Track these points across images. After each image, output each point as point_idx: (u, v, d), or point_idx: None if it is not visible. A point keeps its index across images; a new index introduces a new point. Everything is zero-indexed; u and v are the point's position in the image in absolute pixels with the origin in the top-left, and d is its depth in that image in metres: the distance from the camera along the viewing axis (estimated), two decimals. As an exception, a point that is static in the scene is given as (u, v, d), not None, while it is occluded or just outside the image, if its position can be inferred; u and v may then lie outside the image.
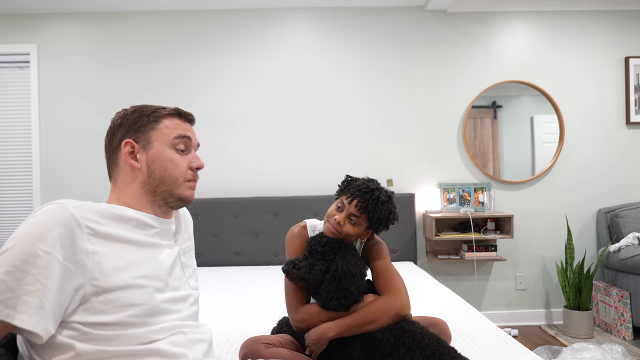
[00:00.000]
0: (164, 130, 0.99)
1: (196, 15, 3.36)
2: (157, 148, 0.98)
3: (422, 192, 3.38)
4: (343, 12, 3.38)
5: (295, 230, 1.47)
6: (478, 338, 1.67)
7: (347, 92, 3.38)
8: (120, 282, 0.83)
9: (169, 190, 0.98)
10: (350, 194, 1.36)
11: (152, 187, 0.97)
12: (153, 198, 0.98)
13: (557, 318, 3.39)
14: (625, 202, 3.41)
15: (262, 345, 1.31)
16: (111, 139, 1.00)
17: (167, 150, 0.98)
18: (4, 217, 3.35)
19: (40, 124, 3.32)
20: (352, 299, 1.29)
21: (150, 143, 0.98)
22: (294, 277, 1.33)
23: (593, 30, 3.41)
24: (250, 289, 2.50)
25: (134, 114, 1.00)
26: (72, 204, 0.83)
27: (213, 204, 3.24)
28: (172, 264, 0.98)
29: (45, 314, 0.75)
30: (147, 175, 0.97)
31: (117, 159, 0.99)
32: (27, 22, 3.33)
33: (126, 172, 0.98)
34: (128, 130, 0.98)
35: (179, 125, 1.02)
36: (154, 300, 0.88)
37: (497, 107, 3.38)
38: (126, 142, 0.97)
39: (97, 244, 0.83)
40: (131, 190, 0.97)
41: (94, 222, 0.84)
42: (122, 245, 0.87)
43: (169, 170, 0.98)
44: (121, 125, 0.99)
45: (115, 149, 0.99)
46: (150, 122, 0.99)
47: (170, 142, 0.99)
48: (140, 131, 0.98)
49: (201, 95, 3.36)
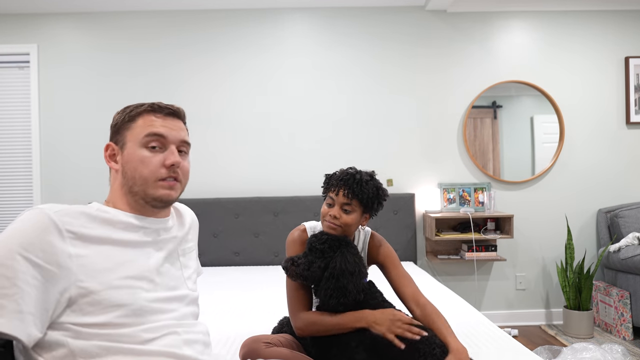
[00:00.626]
0: (136, 129, 0.97)
1: (196, 15, 3.36)
2: (129, 149, 0.97)
3: (422, 192, 3.38)
4: (343, 12, 3.38)
5: (295, 234, 1.48)
6: (478, 338, 1.68)
7: (346, 92, 3.38)
8: (106, 283, 0.84)
9: (142, 190, 0.96)
10: (334, 186, 1.39)
11: (128, 188, 0.97)
12: (133, 198, 0.97)
13: (557, 318, 3.39)
14: (625, 202, 3.41)
15: (262, 345, 1.31)
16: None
17: (138, 150, 0.96)
18: (4, 217, 3.35)
19: (40, 124, 3.32)
20: (351, 297, 1.29)
21: (125, 144, 0.97)
22: (292, 274, 1.33)
23: (593, 30, 3.41)
24: (251, 289, 2.50)
25: (117, 115, 1.01)
26: (53, 208, 0.83)
27: (213, 204, 3.24)
28: (161, 263, 0.97)
29: (25, 318, 0.75)
30: (122, 176, 0.97)
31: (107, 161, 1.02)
32: (27, 22, 3.33)
33: (111, 174, 1.01)
34: (112, 133, 1.01)
35: (151, 123, 0.97)
36: (141, 300, 0.88)
37: (497, 107, 3.38)
38: (107, 146, 1.00)
39: (80, 247, 0.83)
40: (114, 191, 0.99)
41: (76, 225, 0.84)
42: (107, 247, 0.87)
43: (139, 170, 0.95)
44: (111, 127, 1.03)
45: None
46: (125, 122, 0.99)
47: (140, 141, 0.96)
48: (118, 132, 0.99)
49: (201, 95, 3.36)
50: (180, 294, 0.98)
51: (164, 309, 0.92)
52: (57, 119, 3.33)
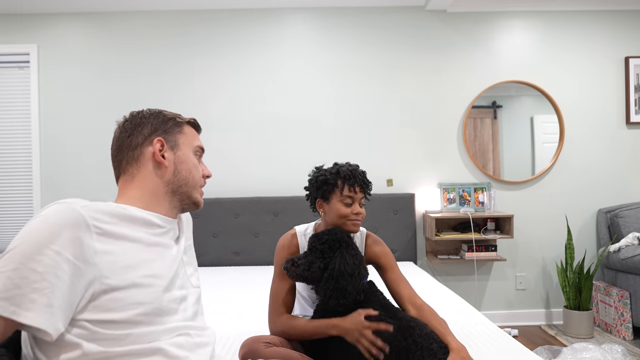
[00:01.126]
0: (188, 136, 1.06)
1: (196, 15, 3.36)
2: (184, 151, 1.03)
3: (422, 192, 3.38)
4: (343, 12, 3.38)
5: (285, 241, 1.49)
6: (478, 338, 1.68)
7: (346, 92, 3.38)
8: (129, 280, 0.84)
9: (188, 192, 1.03)
10: (352, 184, 1.40)
11: (175, 187, 1.01)
12: (171, 197, 1.01)
13: (557, 318, 3.39)
14: (625, 202, 3.41)
15: (262, 345, 1.31)
16: (132, 135, 1.01)
17: (191, 156, 1.05)
18: (4, 217, 3.35)
19: (40, 124, 3.32)
20: (351, 298, 1.29)
21: (178, 145, 1.03)
22: (293, 274, 1.34)
23: (593, 30, 3.41)
24: (251, 289, 2.50)
25: (158, 117, 1.04)
26: (80, 203, 0.84)
27: (213, 204, 3.24)
28: (178, 263, 0.99)
29: (54, 312, 0.76)
30: (173, 175, 1.01)
31: (140, 155, 1.00)
32: (27, 22, 3.33)
33: (149, 168, 1.00)
34: (155, 129, 1.02)
35: (196, 136, 1.08)
36: (161, 300, 0.89)
37: (497, 107, 3.38)
38: (158, 140, 1.00)
39: (106, 243, 0.84)
40: (151, 187, 0.99)
41: (102, 221, 0.85)
42: (131, 245, 0.88)
43: (193, 173, 1.03)
44: (145, 124, 1.02)
45: (139, 145, 1.00)
46: (175, 126, 1.04)
47: (193, 148, 1.06)
48: (168, 132, 1.03)
49: (201, 95, 3.36)
50: (186, 293, 1.00)
51: (177, 309, 0.94)
52: (57, 119, 3.33)
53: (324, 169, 1.47)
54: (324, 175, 1.44)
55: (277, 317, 1.40)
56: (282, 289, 1.42)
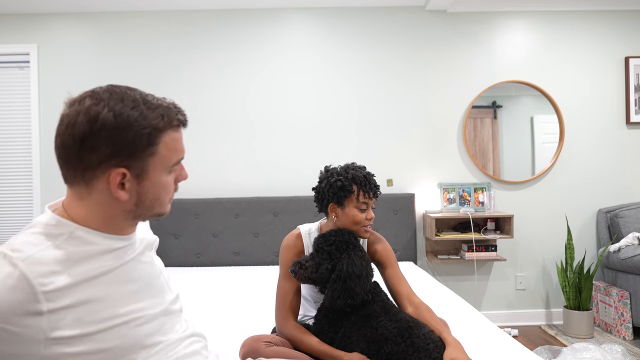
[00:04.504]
0: (163, 154, 0.81)
1: (196, 14, 3.36)
2: (152, 178, 0.81)
3: (422, 192, 3.38)
4: (343, 12, 3.38)
5: (290, 241, 1.49)
6: (478, 338, 1.67)
7: (346, 92, 3.38)
8: (85, 329, 0.73)
9: (154, 212, 0.85)
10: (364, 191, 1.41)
11: (137, 214, 0.83)
12: (132, 221, 0.85)
13: (557, 318, 3.39)
14: (625, 202, 3.41)
15: (262, 344, 1.31)
16: (82, 150, 0.75)
17: (163, 177, 0.83)
18: (4, 217, 3.35)
19: (40, 124, 3.32)
20: (358, 299, 1.30)
21: (145, 173, 0.80)
22: (301, 277, 1.35)
23: (593, 30, 3.41)
24: (251, 289, 2.50)
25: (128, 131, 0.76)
26: (22, 254, 0.69)
27: (213, 204, 3.24)
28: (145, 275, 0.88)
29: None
30: (135, 205, 0.81)
31: (91, 178, 0.78)
32: (27, 22, 3.33)
33: (103, 196, 0.79)
34: (118, 153, 0.76)
35: (175, 144, 0.84)
36: (131, 336, 0.78)
37: (497, 107, 3.38)
38: (118, 173, 0.77)
39: (55, 301, 0.70)
40: (106, 213, 0.80)
41: (49, 274, 0.70)
42: (86, 287, 0.75)
43: (160, 197, 0.84)
44: (103, 139, 0.75)
45: (90, 168, 0.77)
46: (149, 145, 0.79)
47: (168, 168, 0.83)
48: (135, 157, 0.78)
49: (201, 95, 3.36)
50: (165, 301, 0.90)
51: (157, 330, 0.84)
52: (57, 119, 3.32)
53: (337, 172, 1.44)
54: (340, 181, 1.41)
55: (286, 320, 1.40)
56: (289, 290, 1.43)
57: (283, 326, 1.40)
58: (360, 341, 1.26)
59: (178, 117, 0.84)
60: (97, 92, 0.78)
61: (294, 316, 1.42)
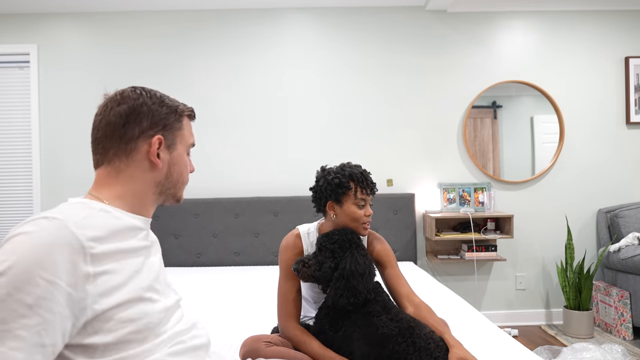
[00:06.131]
0: (185, 132, 0.96)
1: (196, 14, 3.36)
2: (179, 150, 0.95)
3: (422, 192, 3.38)
4: (343, 12, 3.38)
5: (289, 241, 1.49)
6: (478, 338, 1.67)
7: (347, 91, 3.38)
8: (119, 299, 0.77)
9: (175, 192, 0.96)
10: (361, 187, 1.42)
11: (164, 188, 0.93)
12: (157, 197, 0.94)
13: (557, 318, 3.39)
14: (625, 202, 3.41)
15: (262, 344, 1.31)
16: (127, 124, 0.88)
17: (184, 154, 0.97)
18: (4, 217, 3.35)
19: (40, 124, 3.32)
20: (361, 297, 1.30)
21: (174, 144, 0.94)
22: (304, 275, 1.35)
23: (593, 30, 3.41)
24: (250, 289, 2.50)
25: (160, 107, 0.91)
26: (71, 219, 0.74)
27: (213, 204, 3.24)
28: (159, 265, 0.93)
29: (46, 351, 0.67)
30: (165, 177, 0.93)
31: (132, 149, 0.88)
32: (27, 22, 3.33)
33: (140, 167, 0.89)
34: (156, 124, 0.90)
35: (191, 130, 1.00)
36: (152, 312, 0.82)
37: (497, 107, 3.38)
38: (159, 139, 0.90)
39: (98, 265, 0.75)
40: (138, 187, 0.90)
41: (96, 240, 0.76)
42: (120, 259, 0.80)
43: (184, 174, 0.97)
44: (144, 114, 0.89)
45: (133, 139, 0.88)
46: (176, 121, 0.94)
47: (188, 146, 0.98)
48: (168, 129, 0.92)
49: (201, 95, 3.36)
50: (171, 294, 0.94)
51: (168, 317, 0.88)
52: (57, 119, 3.33)
53: (333, 170, 1.45)
54: (338, 178, 1.41)
55: (288, 321, 1.40)
56: (289, 290, 1.43)
57: (285, 327, 1.40)
58: (360, 340, 1.26)
59: (191, 109, 1.00)
60: (131, 87, 0.94)
61: (296, 316, 1.42)
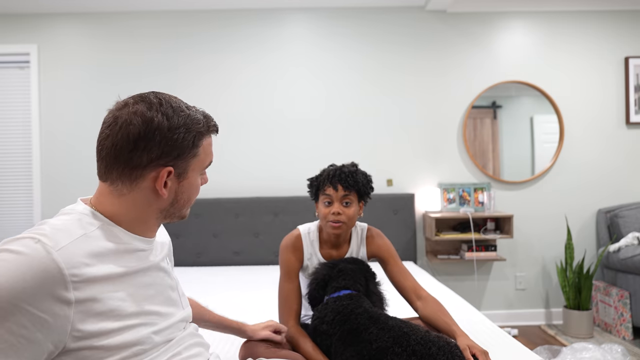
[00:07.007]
0: (201, 156, 0.88)
1: (196, 15, 3.36)
2: (190, 178, 0.88)
3: (422, 192, 3.38)
4: (343, 12, 3.38)
5: (289, 241, 1.49)
6: (478, 338, 1.68)
7: (347, 92, 3.38)
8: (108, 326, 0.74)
9: (180, 213, 0.91)
10: (329, 182, 1.41)
11: (169, 213, 0.88)
12: (162, 220, 0.89)
13: (557, 318, 3.39)
14: (625, 202, 3.41)
15: (262, 345, 1.31)
16: (135, 150, 0.80)
17: (197, 178, 0.90)
18: (4, 217, 3.35)
19: (40, 124, 3.32)
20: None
21: (185, 173, 0.86)
22: None
23: (593, 30, 3.41)
24: (251, 289, 2.50)
25: (179, 132, 0.82)
26: (60, 243, 0.71)
27: (213, 204, 3.24)
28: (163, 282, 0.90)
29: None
30: (171, 204, 0.87)
31: (138, 177, 0.82)
32: (27, 22, 3.33)
33: (144, 194, 0.83)
34: (168, 154, 0.82)
35: (209, 148, 0.91)
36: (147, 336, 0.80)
37: (497, 107, 3.38)
38: (168, 170, 0.83)
39: (82, 290, 0.71)
40: (140, 213, 0.85)
41: (80, 265, 0.72)
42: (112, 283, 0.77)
43: (191, 198, 0.91)
44: (156, 141, 0.81)
45: (140, 167, 0.81)
46: (192, 148, 0.85)
47: (202, 168, 0.91)
48: (181, 158, 0.84)
49: (201, 95, 3.36)
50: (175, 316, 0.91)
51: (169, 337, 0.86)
52: (57, 119, 3.33)
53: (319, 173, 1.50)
54: (314, 177, 1.48)
55: (287, 321, 1.41)
56: (289, 290, 1.44)
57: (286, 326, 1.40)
58: (355, 358, 1.19)
59: (213, 124, 0.91)
60: (146, 97, 0.84)
61: (296, 316, 1.42)
